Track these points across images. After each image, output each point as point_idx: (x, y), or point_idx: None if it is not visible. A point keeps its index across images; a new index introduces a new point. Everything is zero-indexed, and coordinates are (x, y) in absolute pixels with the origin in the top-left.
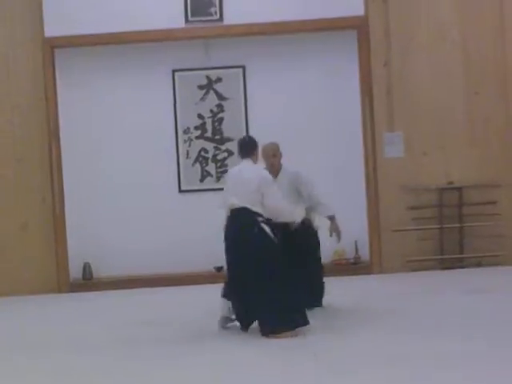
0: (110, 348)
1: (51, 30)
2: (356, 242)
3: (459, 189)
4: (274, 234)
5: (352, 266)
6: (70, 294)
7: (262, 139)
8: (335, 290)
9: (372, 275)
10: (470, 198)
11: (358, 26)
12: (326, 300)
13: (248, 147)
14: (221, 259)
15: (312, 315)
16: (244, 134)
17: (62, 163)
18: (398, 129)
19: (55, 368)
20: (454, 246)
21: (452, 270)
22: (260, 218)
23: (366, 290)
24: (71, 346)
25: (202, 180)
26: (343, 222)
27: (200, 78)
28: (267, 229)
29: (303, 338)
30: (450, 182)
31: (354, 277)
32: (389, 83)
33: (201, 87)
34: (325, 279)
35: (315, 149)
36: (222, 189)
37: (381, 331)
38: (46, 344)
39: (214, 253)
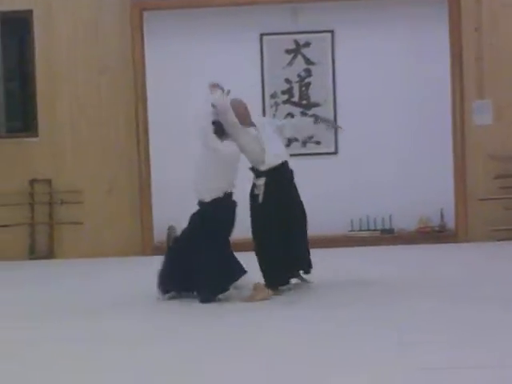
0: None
1: None
2: (442, 209)
3: None
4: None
5: (437, 234)
6: (154, 256)
7: (350, 105)
8: (420, 257)
9: (457, 244)
10: None
11: None
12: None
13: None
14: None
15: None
16: (331, 99)
17: (149, 126)
18: (487, 96)
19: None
20: None
21: None
22: None
23: (450, 258)
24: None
25: (287, 145)
26: (430, 189)
27: (288, 42)
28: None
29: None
30: None
31: (438, 245)
32: (479, 49)
33: (288, 51)
34: (406, 247)
35: (403, 115)
36: (308, 154)
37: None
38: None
39: None
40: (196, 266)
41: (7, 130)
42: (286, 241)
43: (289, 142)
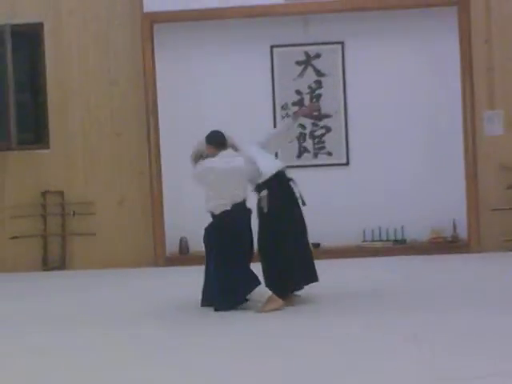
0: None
1: (150, 4)
2: (454, 220)
3: None
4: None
5: (449, 245)
6: (167, 268)
7: (361, 116)
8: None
9: (470, 254)
10: None
11: (459, 2)
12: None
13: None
14: (317, 235)
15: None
16: (342, 110)
17: (160, 138)
18: (498, 106)
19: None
20: None
21: None
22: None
23: (464, 268)
24: (162, 318)
25: (299, 156)
26: (442, 200)
27: (298, 53)
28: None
29: (404, 317)
30: None
31: (451, 255)
32: (490, 60)
33: (299, 63)
34: (419, 257)
35: (414, 126)
36: (319, 165)
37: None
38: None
39: (311, 229)
40: (212, 277)
41: (19, 142)
42: (293, 249)
43: (300, 153)
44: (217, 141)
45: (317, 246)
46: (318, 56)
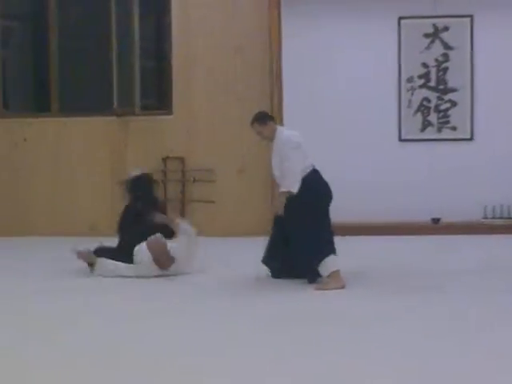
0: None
1: None
2: None
3: None
4: None
5: None
6: None
7: (487, 91)
8: None
9: None
10: None
11: None
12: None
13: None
14: (438, 210)
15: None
16: (468, 84)
17: (283, 106)
18: None
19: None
20: None
21: None
22: None
23: None
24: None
25: (422, 130)
26: None
27: (426, 26)
28: None
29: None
30: None
31: None
32: None
33: (427, 35)
34: None
35: None
36: (443, 139)
37: None
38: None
39: (431, 203)
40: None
41: (142, 108)
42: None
43: (423, 127)
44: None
45: (437, 220)
46: (446, 29)
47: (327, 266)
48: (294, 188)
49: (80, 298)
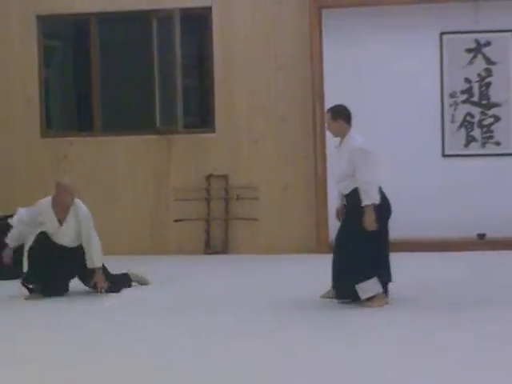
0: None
1: None
2: None
3: None
4: None
5: None
6: (329, 254)
7: None
8: None
9: None
10: None
11: None
12: None
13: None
14: (483, 226)
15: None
16: None
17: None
18: None
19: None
20: None
21: None
22: None
23: None
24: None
25: (466, 145)
26: None
27: (468, 41)
28: None
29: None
30: None
31: None
32: None
33: (469, 51)
34: None
35: None
36: (487, 155)
37: None
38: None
39: (476, 219)
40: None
41: (185, 126)
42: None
43: (467, 143)
44: (350, 114)
45: (482, 236)
46: (488, 44)
47: (366, 288)
48: (377, 200)
49: None
